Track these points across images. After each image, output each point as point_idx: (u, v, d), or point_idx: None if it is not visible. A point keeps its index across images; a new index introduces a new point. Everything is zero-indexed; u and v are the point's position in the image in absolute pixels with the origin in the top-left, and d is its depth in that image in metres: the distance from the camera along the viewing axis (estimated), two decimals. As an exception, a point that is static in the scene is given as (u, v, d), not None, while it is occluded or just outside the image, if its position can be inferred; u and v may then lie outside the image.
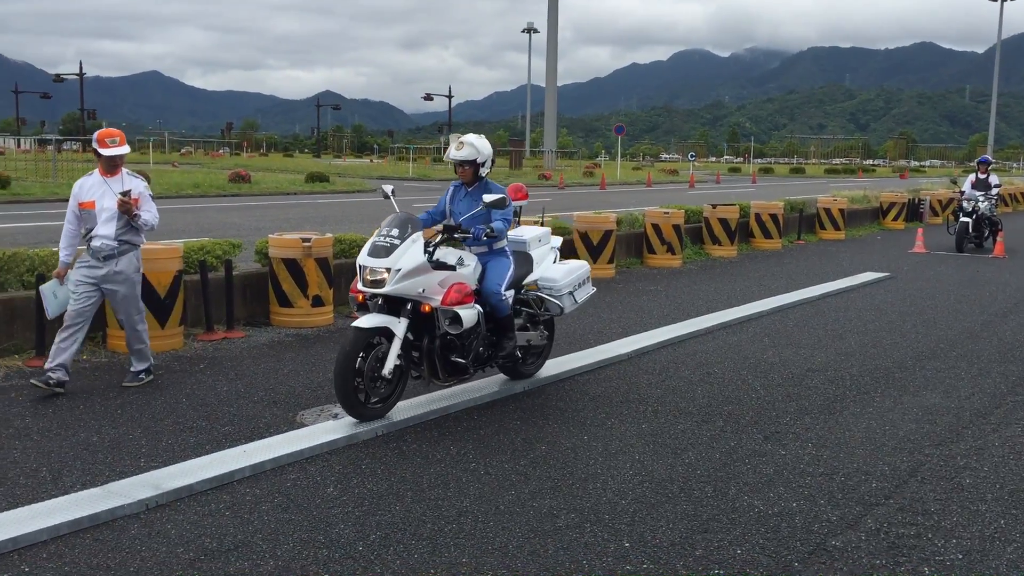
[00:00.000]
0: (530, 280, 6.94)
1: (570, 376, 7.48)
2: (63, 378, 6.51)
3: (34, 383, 6.44)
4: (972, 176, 18.99)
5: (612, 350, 8.29)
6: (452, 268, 6.13)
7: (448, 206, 6.78)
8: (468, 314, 6.09)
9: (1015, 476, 5.34)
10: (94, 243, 6.63)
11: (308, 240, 9.13)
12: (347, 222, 18.51)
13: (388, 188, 6.80)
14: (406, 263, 5.85)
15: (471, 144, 6.56)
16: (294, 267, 9.11)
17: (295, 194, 30.43)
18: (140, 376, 6.91)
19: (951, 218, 19.17)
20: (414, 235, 5.99)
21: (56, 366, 6.48)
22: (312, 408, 6.36)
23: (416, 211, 6.88)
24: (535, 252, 7.08)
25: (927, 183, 41.01)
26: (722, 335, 9.31)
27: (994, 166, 25.83)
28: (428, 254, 5.95)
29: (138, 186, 6.73)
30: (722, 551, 4.26)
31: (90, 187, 6.69)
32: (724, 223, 16.24)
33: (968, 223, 17.96)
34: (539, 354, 7.23)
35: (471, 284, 6.33)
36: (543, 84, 61.09)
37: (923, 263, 15.84)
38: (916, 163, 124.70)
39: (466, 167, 6.58)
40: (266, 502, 4.73)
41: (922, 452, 5.74)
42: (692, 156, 75.11)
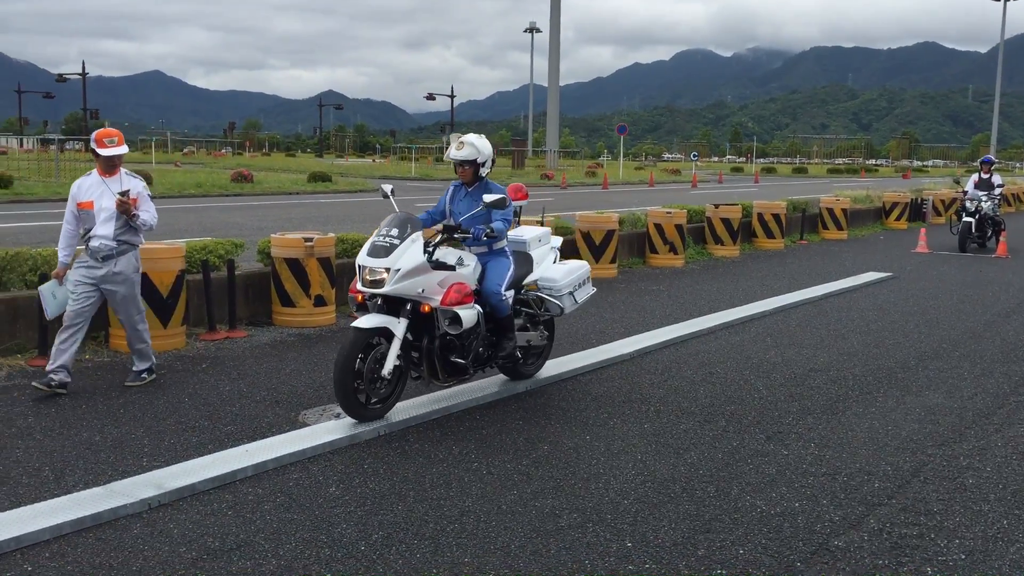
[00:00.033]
0: (530, 280, 6.93)
1: (572, 376, 7.48)
2: (65, 379, 6.51)
3: (36, 386, 6.44)
4: (975, 176, 18.96)
5: (614, 350, 8.29)
6: (452, 268, 6.12)
7: (448, 206, 6.77)
8: (468, 314, 6.08)
9: (1018, 476, 5.34)
10: (93, 243, 6.61)
11: (310, 240, 9.14)
12: (349, 222, 18.51)
13: (388, 188, 6.77)
14: (405, 263, 5.84)
15: (471, 144, 6.55)
16: (296, 267, 9.11)
17: (297, 194, 30.43)
18: (142, 375, 6.91)
19: (954, 218, 19.15)
20: (414, 235, 5.98)
21: (58, 367, 6.47)
22: (314, 408, 6.36)
23: (418, 211, 6.87)
24: (535, 252, 7.07)
25: (930, 183, 40.96)
26: (725, 335, 9.30)
27: (997, 166, 25.80)
28: (428, 254, 5.93)
29: (136, 186, 6.72)
30: (724, 551, 4.25)
31: (88, 187, 6.67)
32: (727, 223, 16.23)
33: (971, 223, 17.94)
34: (539, 354, 7.22)
35: (471, 284, 6.31)
36: (545, 84, 61.12)
37: (926, 263, 15.82)
38: (919, 163, 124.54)
39: (466, 167, 6.57)
40: (268, 501, 4.73)
41: (925, 452, 5.74)
42: (694, 156, 75.19)
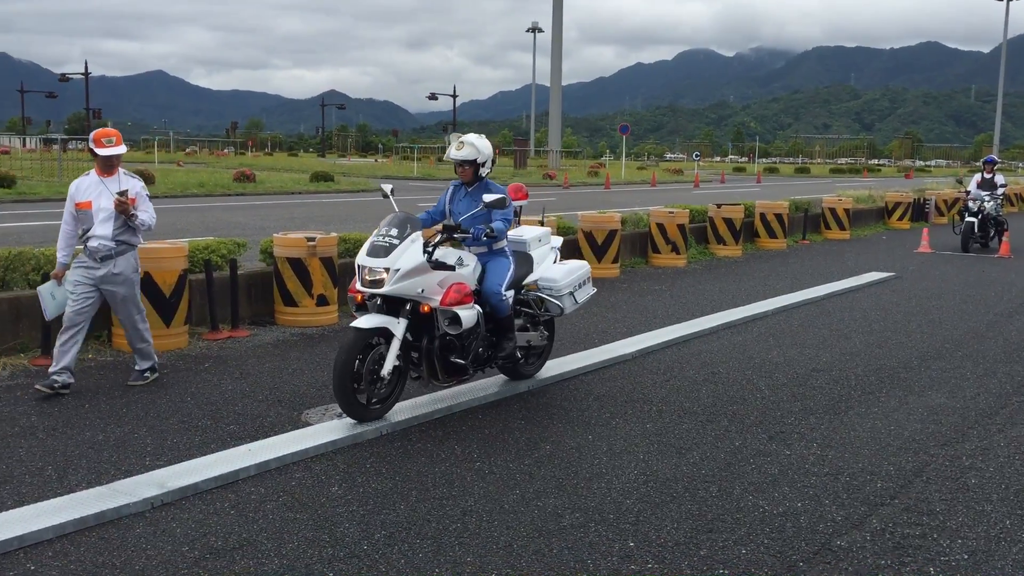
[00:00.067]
0: (530, 280, 6.92)
1: (574, 376, 7.48)
2: (68, 380, 6.52)
3: (39, 388, 6.43)
4: (978, 176, 18.94)
5: (617, 350, 8.29)
6: (451, 268, 6.10)
7: (448, 206, 6.76)
8: (467, 314, 6.07)
9: (1021, 476, 5.33)
10: (91, 243, 6.60)
11: (313, 239, 9.14)
12: (351, 221, 18.52)
13: (387, 187, 6.75)
14: (405, 263, 5.83)
15: (471, 144, 6.54)
16: (299, 266, 9.12)
17: (300, 193, 30.44)
18: (145, 374, 6.91)
19: (957, 218, 19.13)
20: (413, 235, 5.97)
21: (60, 369, 6.47)
22: (317, 407, 6.37)
23: (420, 211, 6.87)
24: (535, 252, 7.05)
25: (932, 183, 40.91)
26: (727, 335, 9.30)
27: (1000, 166, 25.76)
28: (427, 254, 5.92)
29: (135, 186, 6.71)
30: (727, 551, 4.25)
31: (87, 187, 6.66)
32: (729, 223, 16.22)
33: (974, 223, 17.92)
34: (539, 355, 7.21)
35: (471, 284, 6.30)
36: (548, 84, 61.10)
37: (928, 263, 15.80)
38: (921, 163, 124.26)
39: (466, 167, 6.55)
40: (271, 501, 4.74)
41: (927, 452, 5.73)
42: (697, 156, 75.12)
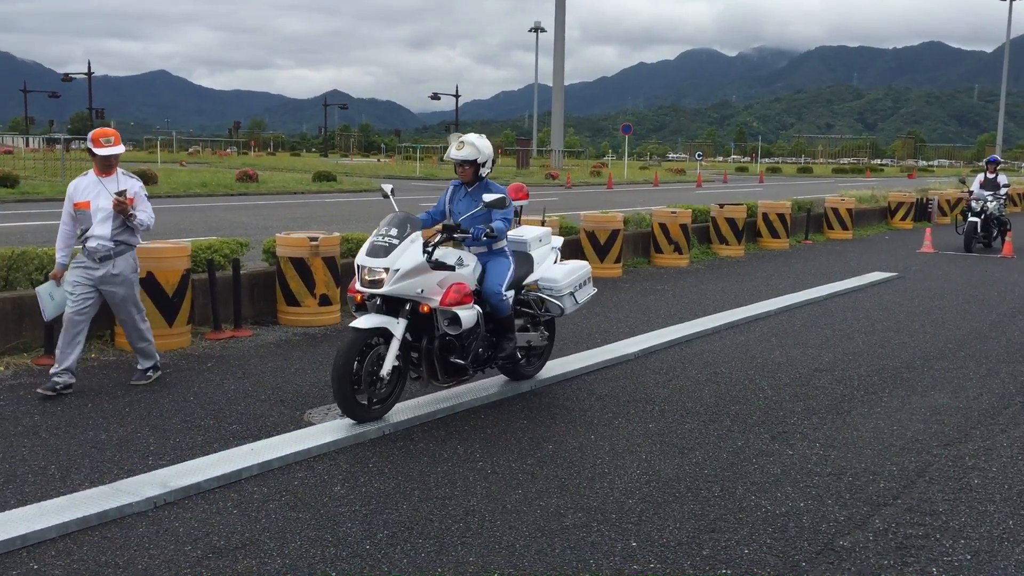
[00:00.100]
0: (530, 280, 6.90)
1: (577, 375, 7.48)
2: (69, 381, 6.52)
3: (41, 392, 6.42)
4: (981, 176, 18.93)
5: (619, 349, 8.29)
6: (451, 268, 6.09)
7: (448, 206, 6.74)
8: (467, 315, 6.06)
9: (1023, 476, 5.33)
10: (90, 244, 6.59)
11: (315, 239, 9.15)
12: (354, 221, 18.53)
13: (388, 187, 6.74)
14: (405, 263, 5.82)
15: (471, 144, 6.52)
16: (301, 266, 9.12)
17: (302, 193, 30.46)
18: (147, 374, 6.92)
19: (959, 218, 19.10)
20: (413, 235, 5.96)
21: (62, 371, 6.48)
22: (319, 407, 6.37)
23: (422, 211, 6.86)
24: (535, 252, 7.04)
25: (935, 183, 40.81)
26: (729, 335, 9.29)
27: (1003, 166, 25.75)
28: (427, 254, 5.92)
29: (133, 186, 6.70)
30: (729, 551, 4.25)
31: (85, 187, 6.65)
32: (731, 223, 16.22)
33: (977, 223, 17.90)
34: (540, 355, 7.19)
35: (470, 284, 6.29)
36: (550, 83, 61.06)
37: (931, 263, 15.79)
38: (924, 163, 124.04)
39: (466, 167, 6.54)
40: (274, 500, 4.74)
41: (930, 452, 5.73)
42: (699, 155, 75.03)
